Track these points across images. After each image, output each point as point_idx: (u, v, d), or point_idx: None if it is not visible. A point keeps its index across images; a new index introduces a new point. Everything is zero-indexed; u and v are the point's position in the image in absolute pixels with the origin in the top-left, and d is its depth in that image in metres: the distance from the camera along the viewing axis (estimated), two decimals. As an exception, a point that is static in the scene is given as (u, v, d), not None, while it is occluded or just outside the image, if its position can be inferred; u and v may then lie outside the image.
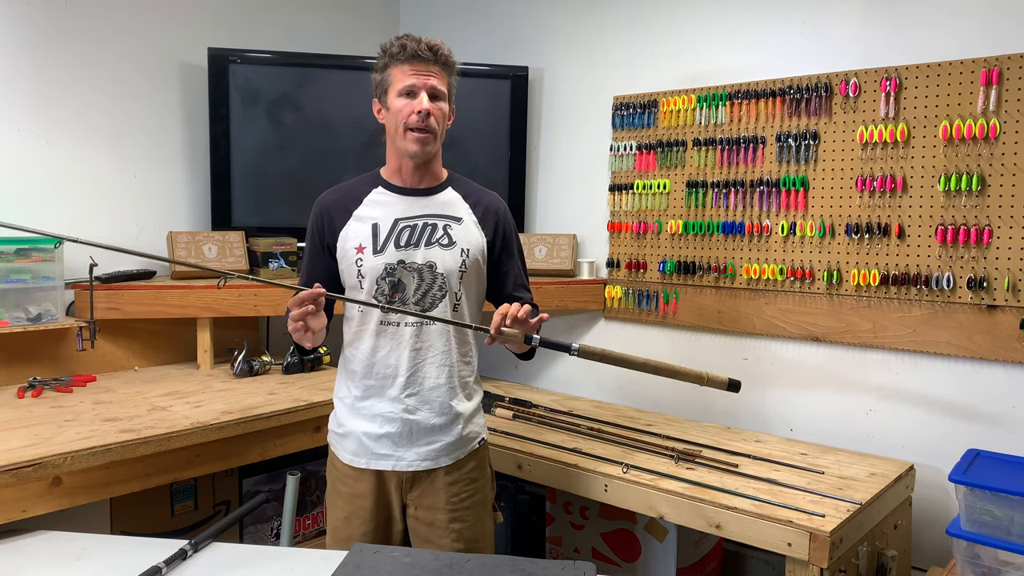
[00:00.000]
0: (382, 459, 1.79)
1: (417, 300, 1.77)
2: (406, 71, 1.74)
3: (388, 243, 1.78)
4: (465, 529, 1.83)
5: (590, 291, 3.09)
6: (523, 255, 1.98)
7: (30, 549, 1.77)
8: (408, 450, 1.79)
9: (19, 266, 2.50)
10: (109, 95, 2.85)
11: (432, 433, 1.79)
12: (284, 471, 2.48)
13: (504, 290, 1.91)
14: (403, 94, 1.74)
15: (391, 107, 1.76)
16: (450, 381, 1.80)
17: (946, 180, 2.30)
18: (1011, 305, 2.23)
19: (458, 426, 1.82)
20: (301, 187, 3.13)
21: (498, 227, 1.88)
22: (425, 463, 1.79)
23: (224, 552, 1.73)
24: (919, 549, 2.41)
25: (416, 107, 1.73)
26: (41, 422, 2.13)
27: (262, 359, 2.83)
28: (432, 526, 1.81)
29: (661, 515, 2.14)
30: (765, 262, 2.68)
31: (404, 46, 1.74)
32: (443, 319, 1.74)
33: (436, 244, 1.78)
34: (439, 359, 1.79)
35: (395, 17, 3.80)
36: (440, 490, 1.81)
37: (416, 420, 1.78)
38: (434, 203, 1.83)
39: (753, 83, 2.68)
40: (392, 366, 1.77)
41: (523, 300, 1.80)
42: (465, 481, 1.84)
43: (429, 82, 1.74)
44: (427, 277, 1.77)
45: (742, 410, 2.78)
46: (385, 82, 1.78)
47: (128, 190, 2.93)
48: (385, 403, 1.78)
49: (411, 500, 1.83)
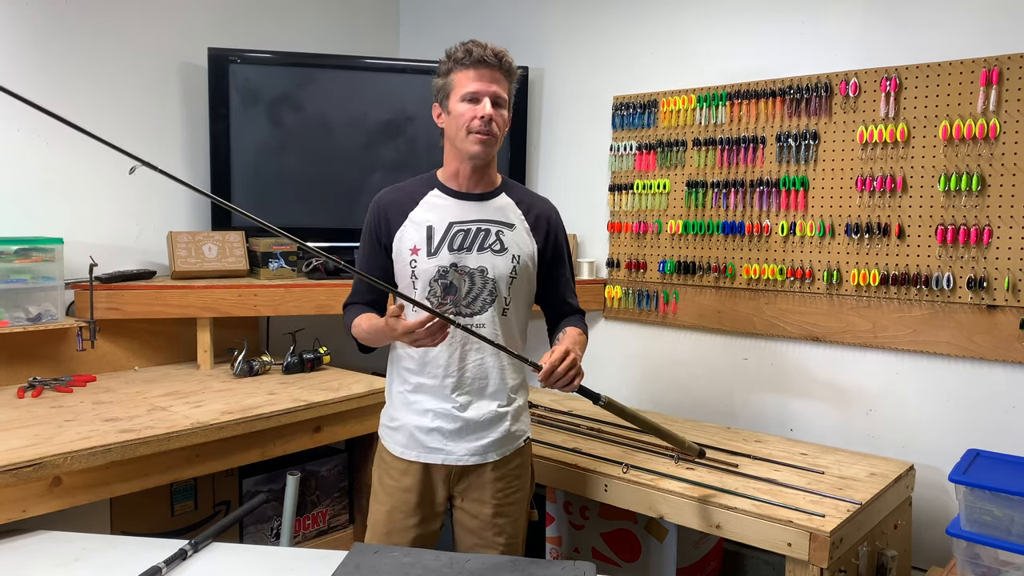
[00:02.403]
0: (432, 452, 1.85)
1: (468, 304, 1.81)
2: (470, 76, 1.76)
3: (442, 246, 1.81)
4: (507, 524, 1.89)
5: (590, 291, 3.09)
6: (572, 261, 2.02)
7: (30, 549, 1.77)
8: (458, 444, 1.84)
9: (19, 266, 2.50)
10: (109, 95, 2.85)
11: (481, 429, 1.85)
12: (284, 471, 2.47)
13: (555, 297, 1.97)
14: (466, 99, 1.76)
15: (453, 111, 1.78)
16: (499, 380, 1.85)
17: (946, 180, 2.30)
18: (1011, 305, 2.23)
19: (505, 423, 1.87)
20: (301, 187, 3.13)
21: (549, 234, 1.92)
22: (474, 458, 1.85)
23: (224, 552, 1.73)
24: (919, 549, 2.41)
25: (480, 112, 1.75)
26: (41, 422, 2.13)
27: (262, 359, 2.83)
28: (478, 519, 1.87)
29: (661, 515, 2.14)
30: (765, 262, 2.68)
31: (470, 51, 1.75)
32: (505, 348, 1.71)
33: (488, 249, 1.82)
34: (489, 360, 1.84)
35: (395, 17, 3.80)
36: (487, 485, 1.87)
37: (466, 416, 1.83)
38: (488, 208, 1.86)
39: (753, 83, 2.68)
40: (443, 364, 1.82)
41: (573, 309, 1.95)
42: (510, 477, 1.89)
43: (492, 88, 1.76)
44: (478, 281, 1.81)
45: (742, 410, 2.78)
46: (448, 86, 1.79)
47: (128, 190, 2.93)
48: (436, 399, 1.83)
49: (458, 492, 1.89)
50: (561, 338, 1.84)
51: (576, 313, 1.98)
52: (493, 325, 1.82)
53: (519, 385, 1.91)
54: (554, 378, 1.65)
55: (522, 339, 1.92)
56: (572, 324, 1.92)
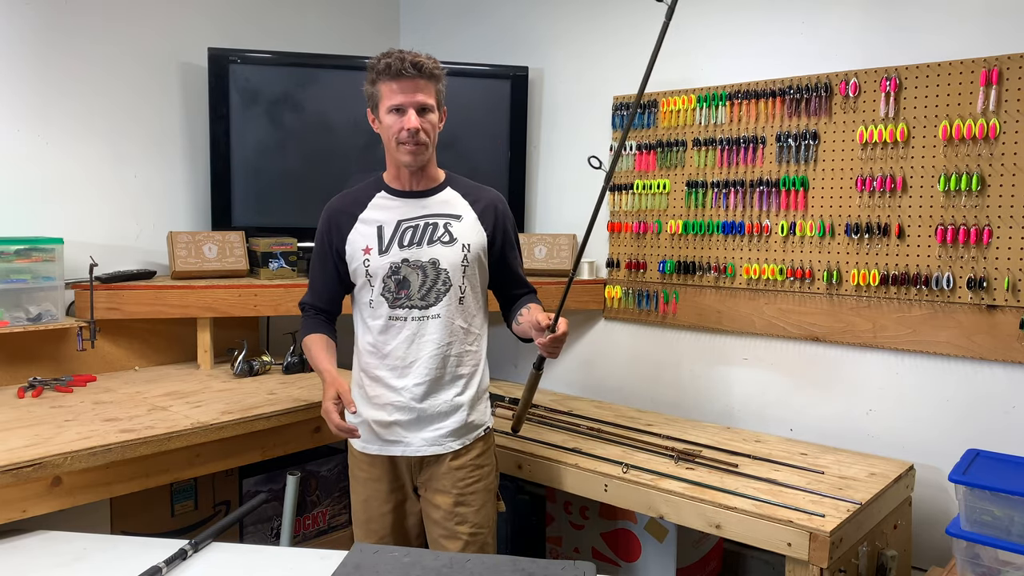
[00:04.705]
0: (392, 445, 1.91)
1: (422, 296, 1.88)
2: (393, 89, 1.81)
3: (392, 243, 1.88)
4: (470, 514, 1.92)
5: (590, 291, 3.09)
6: (519, 245, 2.09)
7: (30, 549, 1.77)
8: (416, 435, 1.90)
9: (19, 266, 2.50)
10: (109, 95, 2.86)
11: (437, 420, 1.90)
12: (284, 471, 2.48)
13: (510, 279, 2.05)
14: (392, 111, 1.82)
15: (383, 122, 1.86)
16: (454, 370, 1.91)
17: (946, 180, 2.30)
18: (1011, 305, 2.23)
19: (462, 413, 1.92)
20: (301, 187, 3.13)
21: (498, 222, 1.98)
22: (432, 448, 1.90)
23: (224, 552, 1.73)
24: (919, 549, 2.41)
25: (406, 124, 1.81)
26: (41, 422, 2.13)
27: (262, 359, 2.83)
28: (441, 508, 1.92)
29: (661, 515, 2.14)
30: (765, 262, 2.68)
31: (389, 65, 1.80)
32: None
33: (438, 242, 1.89)
34: (443, 350, 1.89)
35: (395, 17, 3.80)
36: (446, 474, 1.92)
37: (422, 407, 1.89)
38: (434, 203, 1.93)
39: (753, 83, 2.68)
40: (400, 357, 1.89)
41: (529, 294, 2.05)
42: (470, 467, 1.94)
43: (416, 99, 1.81)
44: (431, 273, 1.88)
45: (742, 410, 2.78)
46: (375, 97, 1.87)
47: (128, 190, 2.93)
48: (393, 392, 1.90)
49: (421, 483, 1.95)
50: (531, 311, 1.92)
51: (532, 292, 2.08)
52: (449, 314, 1.88)
53: (474, 374, 1.95)
54: (559, 341, 1.81)
55: (484, 320, 2.00)
56: (534, 302, 2.02)
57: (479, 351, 1.97)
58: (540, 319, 1.82)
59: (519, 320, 1.98)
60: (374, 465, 1.94)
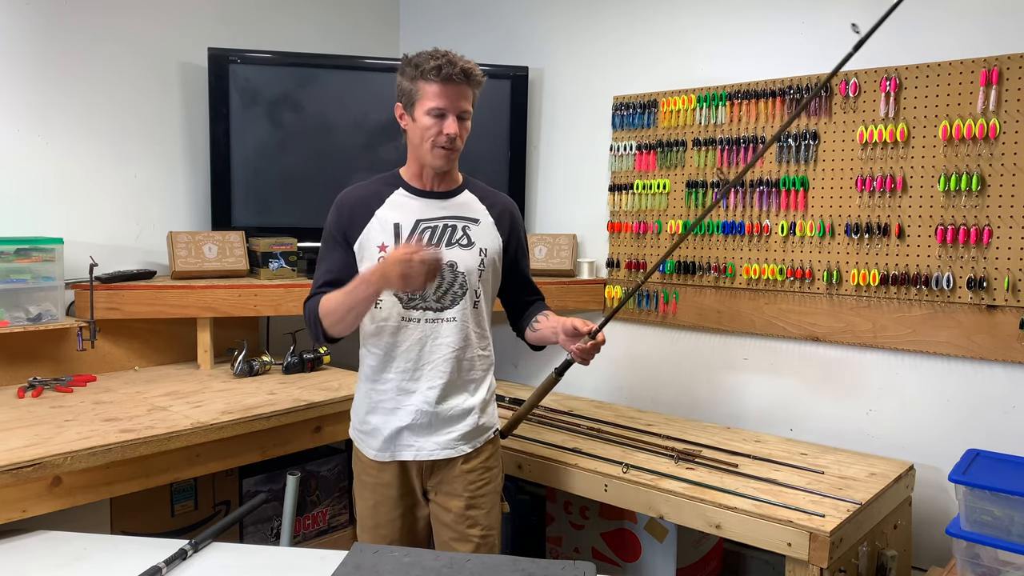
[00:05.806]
0: (404, 449, 1.88)
1: (439, 299, 1.85)
2: (438, 92, 1.75)
3: (409, 243, 1.82)
4: (481, 516, 1.91)
5: (590, 291, 3.09)
6: (529, 253, 2.10)
7: (30, 549, 1.77)
8: (428, 439, 1.87)
9: (19, 266, 2.50)
10: (109, 95, 2.86)
11: (449, 423, 1.88)
12: (284, 471, 2.47)
13: (521, 287, 2.04)
14: (433, 114, 1.76)
15: (418, 121, 1.78)
16: (466, 374, 1.89)
17: (946, 180, 2.30)
18: (1011, 305, 2.23)
19: (474, 416, 1.90)
20: (301, 187, 3.13)
21: (513, 228, 1.97)
22: (444, 452, 1.88)
23: (224, 552, 1.73)
24: (919, 549, 2.41)
25: (446, 129, 1.76)
26: (41, 422, 2.13)
27: (262, 359, 2.83)
28: (452, 512, 1.90)
29: (661, 515, 2.14)
30: (765, 262, 2.68)
31: (439, 68, 1.73)
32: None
33: (456, 244, 1.87)
34: (457, 354, 1.86)
35: (395, 17, 3.80)
36: (458, 478, 1.89)
37: (434, 411, 1.86)
38: (453, 205, 1.90)
39: (753, 83, 2.68)
40: (412, 360, 1.85)
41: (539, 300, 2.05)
42: (481, 470, 1.92)
43: (459, 105, 1.77)
44: (448, 276, 1.85)
45: (742, 410, 2.78)
46: (413, 95, 1.78)
47: (128, 190, 2.93)
48: (405, 396, 1.86)
49: (431, 487, 1.92)
50: (550, 318, 1.92)
51: (541, 299, 2.07)
52: (464, 318, 1.86)
53: (485, 378, 1.94)
54: (598, 348, 1.83)
55: (489, 328, 1.98)
56: (547, 309, 2.01)
57: (490, 355, 1.95)
58: (578, 324, 1.80)
59: (535, 327, 1.95)
60: (383, 470, 1.90)
